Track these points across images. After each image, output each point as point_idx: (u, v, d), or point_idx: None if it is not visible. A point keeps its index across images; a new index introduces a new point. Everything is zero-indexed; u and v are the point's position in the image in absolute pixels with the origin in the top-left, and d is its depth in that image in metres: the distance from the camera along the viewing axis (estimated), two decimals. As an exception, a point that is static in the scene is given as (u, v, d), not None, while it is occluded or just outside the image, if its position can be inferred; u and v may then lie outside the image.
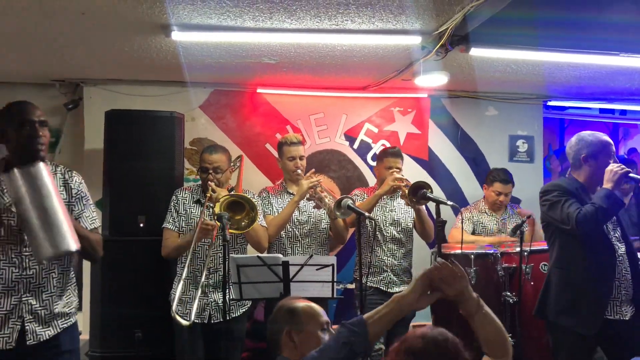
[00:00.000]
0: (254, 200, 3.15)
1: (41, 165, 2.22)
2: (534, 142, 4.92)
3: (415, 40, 3.27)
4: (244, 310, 3.26)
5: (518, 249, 3.50)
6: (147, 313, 3.40)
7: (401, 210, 3.70)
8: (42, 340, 2.31)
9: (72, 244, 2.22)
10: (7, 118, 2.32)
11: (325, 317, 2.09)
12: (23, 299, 2.29)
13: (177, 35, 3.13)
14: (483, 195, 4.19)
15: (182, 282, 3.02)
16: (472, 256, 3.57)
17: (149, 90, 4.24)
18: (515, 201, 4.63)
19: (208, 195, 3.15)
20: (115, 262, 3.37)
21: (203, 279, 3.06)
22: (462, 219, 3.82)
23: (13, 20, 2.96)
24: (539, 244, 3.62)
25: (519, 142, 4.89)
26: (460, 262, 3.45)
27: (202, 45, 3.39)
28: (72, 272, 2.54)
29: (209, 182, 3.22)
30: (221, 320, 2.91)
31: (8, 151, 2.36)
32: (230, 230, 2.92)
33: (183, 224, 3.25)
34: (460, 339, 1.50)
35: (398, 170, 3.60)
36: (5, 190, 2.28)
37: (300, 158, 3.52)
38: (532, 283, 3.47)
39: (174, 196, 3.33)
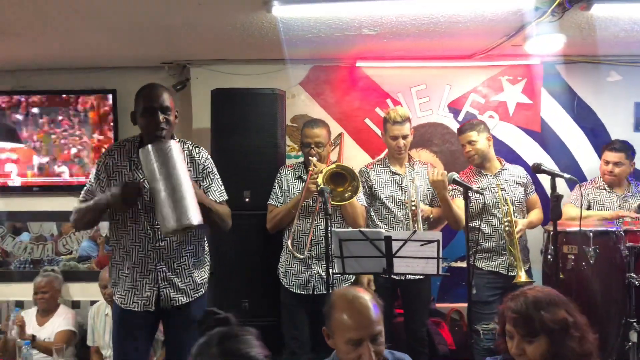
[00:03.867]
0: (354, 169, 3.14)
1: (172, 142, 2.37)
2: (665, 109, 4.40)
3: (529, 0, 3.01)
4: (347, 285, 3.27)
5: (646, 227, 3.18)
6: (254, 285, 3.53)
7: (510, 188, 3.52)
8: (175, 305, 2.48)
9: (195, 218, 2.32)
10: (136, 102, 2.49)
11: (361, 331, 1.75)
12: (157, 266, 2.47)
13: (277, 10, 3.13)
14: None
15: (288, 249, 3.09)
16: (591, 234, 3.29)
17: (250, 69, 4.31)
18: (640, 175, 4.20)
19: (310, 169, 3.18)
20: (223, 236, 3.50)
21: (306, 252, 3.11)
22: (581, 195, 3.53)
23: (127, 8, 3.12)
24: (673, 222, 3.27)
25: (647, 110, 4.41)
26: (577, 240, 3.29)
27: (302, 20, 3.37)
28: (206, 244, 2.69)
29: (311, 158, 3.26)
30: (324, 292, 2.94)
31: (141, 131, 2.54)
32: (334, 202, 2.93)
33: (286, 199, 3.32)
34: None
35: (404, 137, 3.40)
36: (140, 167, 2.44)
37: (404, 137, 3.42)
38: (663, 265, 3.15)
39: (278, 173, 3.43)
